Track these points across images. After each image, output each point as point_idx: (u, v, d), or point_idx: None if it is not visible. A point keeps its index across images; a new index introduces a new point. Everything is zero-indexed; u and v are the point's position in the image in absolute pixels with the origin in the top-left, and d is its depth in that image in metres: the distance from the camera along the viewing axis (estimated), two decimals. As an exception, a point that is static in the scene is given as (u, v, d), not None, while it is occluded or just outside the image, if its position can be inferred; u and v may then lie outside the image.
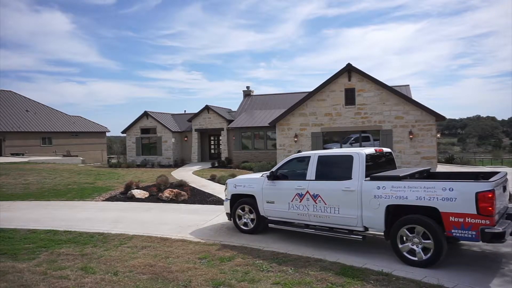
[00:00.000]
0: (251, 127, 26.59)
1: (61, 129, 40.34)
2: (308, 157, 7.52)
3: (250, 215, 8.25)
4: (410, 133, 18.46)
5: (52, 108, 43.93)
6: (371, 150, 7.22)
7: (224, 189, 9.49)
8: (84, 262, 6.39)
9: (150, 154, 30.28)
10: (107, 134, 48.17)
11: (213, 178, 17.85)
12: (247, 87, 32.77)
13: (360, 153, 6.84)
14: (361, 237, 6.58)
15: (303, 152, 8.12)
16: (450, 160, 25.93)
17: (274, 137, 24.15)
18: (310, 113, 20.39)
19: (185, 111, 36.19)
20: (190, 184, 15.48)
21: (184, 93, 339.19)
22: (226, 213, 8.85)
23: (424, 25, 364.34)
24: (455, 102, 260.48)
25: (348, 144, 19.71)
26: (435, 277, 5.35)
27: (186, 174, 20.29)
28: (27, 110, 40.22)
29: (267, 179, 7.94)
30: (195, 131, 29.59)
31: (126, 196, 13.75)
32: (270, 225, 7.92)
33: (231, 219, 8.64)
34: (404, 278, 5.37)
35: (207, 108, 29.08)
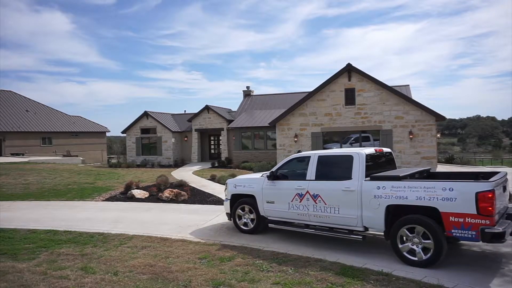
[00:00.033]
0: (251, 127, 26.58)
1: (61, 129, 40.35)
2: (308, 157, 7.53)
3: (250, 215, 8.25)
4: (410, 133, 18.46)
5: (52, 108, 43.95)
6: (371, 150, 7.22)
7: (224, 189, 9.50)
8: (84, 262, 6.39)
9: (150, 154, 30.28)
10: (107, 134, 48.23)
11: (213, 178, 17.86)
12: (247, 87, 32.76)
13: (360, 153, 6.84)
14: (361, 237, 6.58)
15: (303, 152, 8.12)
16: (450, 160, 25.94)
17: (274, 137, 24.15)
18: (310, 113, 20.39)
19: (185, 111, 36.24)
20: (190, 184, 15.48)
21: (184, 93, 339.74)
22: (226, 213, 8.85)
23: (424, 25, 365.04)
24: (455, 102, 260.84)
25: (348, 144, 19.70)
26: (435, 277, 5.35)
27: (186, 174, 20.29)
28: (27, 110, 40.23)
29: (267, 179, 7.94)
30: (195, 131, 29.59)
31: (126, 196, 13.76)
32: (270, 225, 7.92)
33: (231, 219, 8.64)
34: (404, 278, 5.37)
35: (207, 108, 29.08)
